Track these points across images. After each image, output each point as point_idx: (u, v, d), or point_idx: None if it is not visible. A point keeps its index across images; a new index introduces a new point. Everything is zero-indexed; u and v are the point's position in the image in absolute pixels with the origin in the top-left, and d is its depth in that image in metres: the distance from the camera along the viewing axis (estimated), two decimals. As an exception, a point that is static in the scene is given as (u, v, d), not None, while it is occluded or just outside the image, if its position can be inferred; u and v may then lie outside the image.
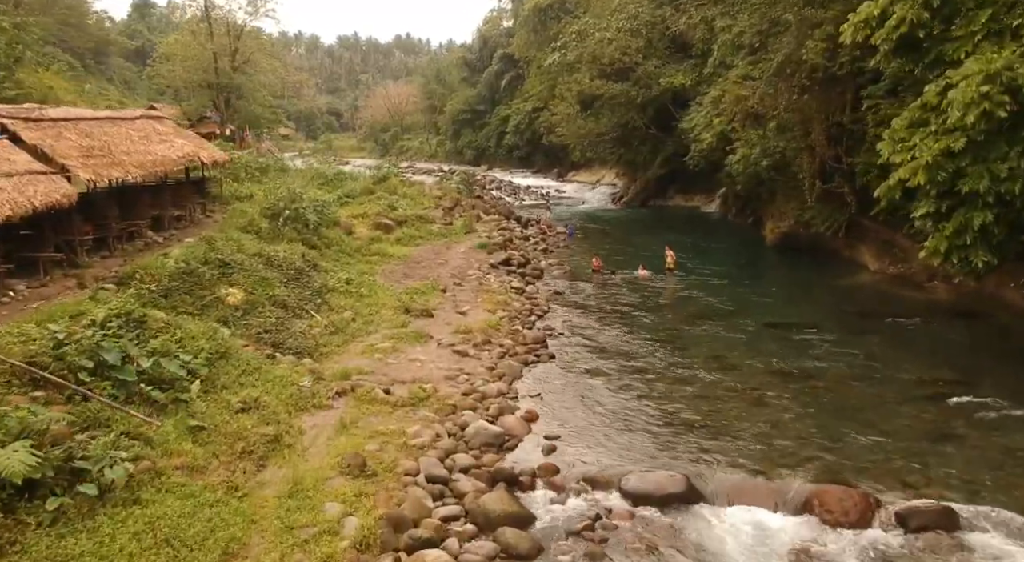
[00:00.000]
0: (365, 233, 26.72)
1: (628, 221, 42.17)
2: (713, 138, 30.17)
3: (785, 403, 13.02)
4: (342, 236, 24.74)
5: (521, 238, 31.69)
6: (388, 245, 26.24)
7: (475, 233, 30.59)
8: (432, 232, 29.13)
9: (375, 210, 29.34)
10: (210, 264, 15.84)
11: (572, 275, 25.58)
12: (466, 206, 38.42)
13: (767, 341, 16.87)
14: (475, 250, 27.10)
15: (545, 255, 29.53)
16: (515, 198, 54.81)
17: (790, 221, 27.64)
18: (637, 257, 28.78)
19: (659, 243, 32.49)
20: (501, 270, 24.71)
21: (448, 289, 21.15)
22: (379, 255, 24.58)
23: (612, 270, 25.14)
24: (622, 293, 22.61)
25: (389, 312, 18.15)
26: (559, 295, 22.34)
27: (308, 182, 38.88)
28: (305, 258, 18.99)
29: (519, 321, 18.69)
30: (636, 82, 38.83)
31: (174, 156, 18.32)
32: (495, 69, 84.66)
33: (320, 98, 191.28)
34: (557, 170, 74.67)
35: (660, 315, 19.85)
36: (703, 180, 46.10)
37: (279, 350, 14.24)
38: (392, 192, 34.98)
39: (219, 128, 55.64)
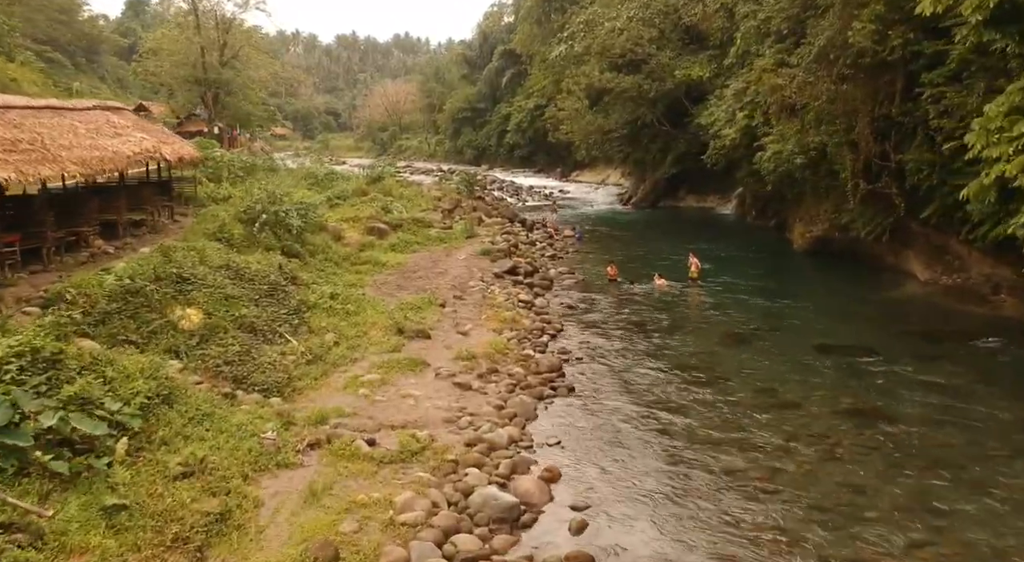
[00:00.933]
0: (356, 238, 24.20)
1: (639, 223, 39.67)
2: (737, 134, 27.67)
3: (863, 457, 10.49)
4: (329, 242, 22.22)
5: (527, 243, 29.19)
6: (381, 252, 23.72)
7: (477, 238, 28.07)
8: (430, 237, 26.60)
9: (368, 213, 26.83)
10: (163, 280, 13.31)
11: (585, 285, 23.07)
12: (467, 208, 35.89)
13: (822, 370, 14.34)
14: (477, 257, 24.59)
15: (553, 262, 27.03)
16: (517, 199, 52.37)
17: (824, 224, 25.13)
18: (654, 264, 26.28)
19: (675, 248, 30.06)
20: (507, 280, 22.22)
21: (448, 303, 18.63)
22: (371, 264, 22.05)
23: (630, 280, 22.63)
24: (643, 307, 20.09)
25: (379, 333, 15.62)
26: (572, 309, 19.84)
27: (297, 183, 36.47)
28: (282, 270, 16.47)
29: (529, 343, 16.17)
30: (649, 75, 36.29)
31: (128, 152, 15.83)
32: (496, 66, 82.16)
33: (318, 97, 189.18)
34: (560, 170, 72.18)
35: (691, 335, 17.31)
36: (717, 180, 43.67)
37: (242, 386, 11.72)
38: (387, 193, 32.46)
39: (207, 126, 53.23)
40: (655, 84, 36.10)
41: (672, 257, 27.69)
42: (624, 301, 20.83)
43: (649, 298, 21.13)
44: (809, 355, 15.36)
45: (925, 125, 18.86)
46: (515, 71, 78.86)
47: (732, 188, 42.92)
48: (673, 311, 19.65)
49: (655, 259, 27.42)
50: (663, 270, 24.60)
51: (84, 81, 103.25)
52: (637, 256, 28.16)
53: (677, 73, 35.18)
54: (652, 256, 28.21)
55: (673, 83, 35.67)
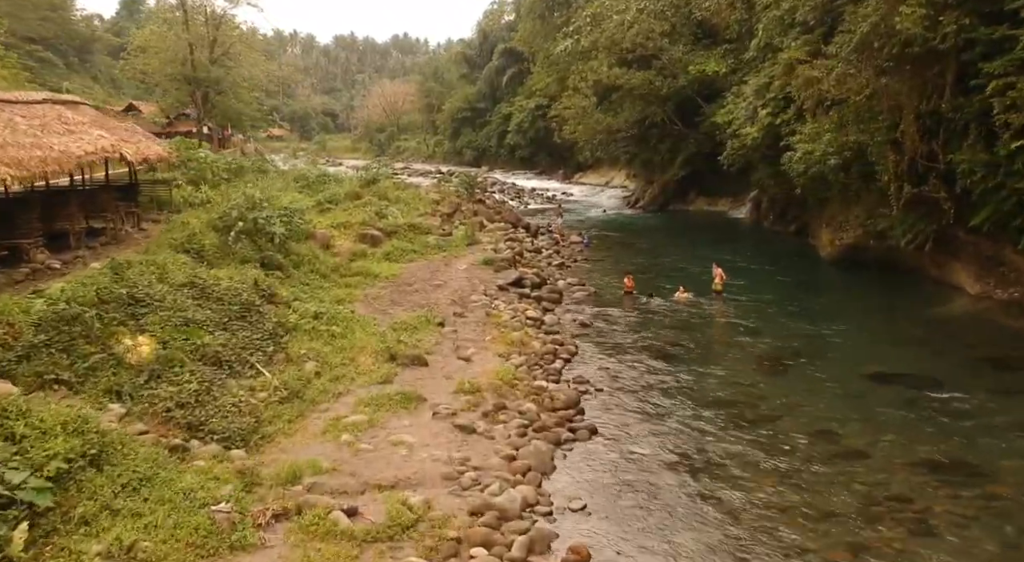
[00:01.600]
0: (347, 247, 22.14)
1: (648, 228, 37.63)
2: (759, 133, 25.64)
3: (965, 530, 8.43)
4: (316, 252, 20.17)
5: (532, 250, 27.13)
6: (374, 262, 21.66)
7: (478, 245, 26.03)
8: (428, 245, 24.54)
9: (360, 219, 24.77)
10: (111, 303, 11.26)
11: (598, 298, 21.03)
12: (467, 212, 33.83)
13: (884, 407, 12.28)
14: (479, 267, 22.54)
15: (561, 272, 24.98)
16: (519, 202, 50.40)
17: (856, 231, 23.09)
18: (671, 274, 24.28)
19: (691, 255, 28.06)
20: (512, 293, 20.19)
21: (447, 322, 16.58)
22: (362, 275, 19.99)
23: (648, 293, 20.57)
24: (665, 324, 18.05)
25: (369, 360, 13.56)
26: (586, 328, 17.79)
27: (287, 185, 34.42)
28: (258, 286, 14.40)
29: (541, 369, 14.14)
30: (660, 71, 34.26)
31: (79, 152, 13.74)
32: (496, 65, 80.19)
33: (315, 98, 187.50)
34: (562, 171, 70.20)
35: (724, 359, 15.26)
36: (729, 182, 41.67)
37: (198, 435, 9.66)
38: (382, 197, 30.38)
39: (196, 126, 51.14)
40: (667, 81, 34.07)
41: (689, 266, 25.69)
42: (643, 317, 18.78)
43: (670, 313, 19.09)
44: (863, 386, 13.32)
45: (981, 121, 16.85)
46: (516, 70, 76.90)
47: (746, 191, 40.90)
48: (699, 330, 17.60)
49: (671, 268, 25.42)
50: (681, 280, 22.61)
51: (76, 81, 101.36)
52: (651, 265, 26.13)
53: (691, 69, 33.16)
54: (667, 265, 26.20)
55: (686, 80, 33.65)
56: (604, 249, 30.37)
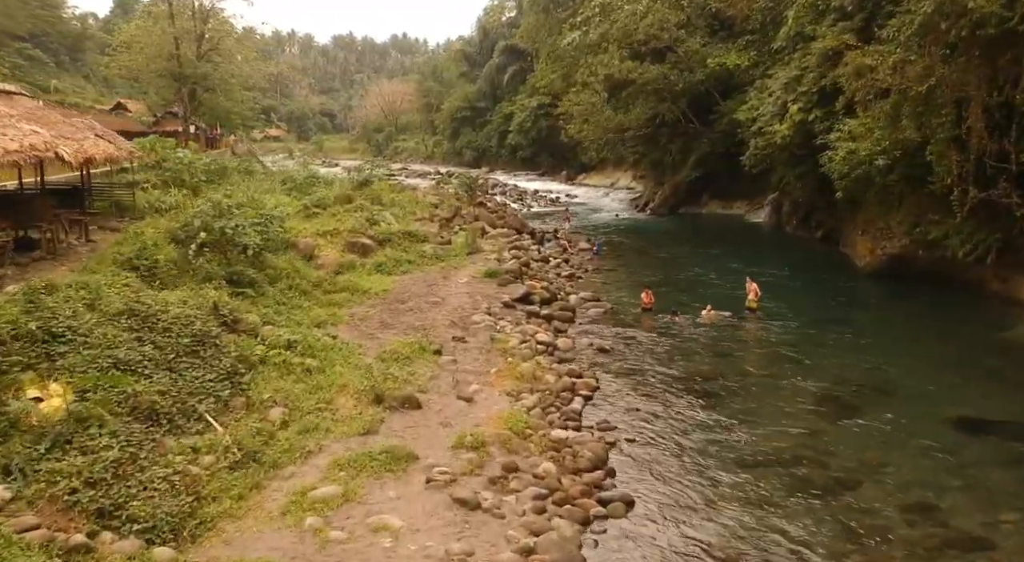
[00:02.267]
0: (333, 258, 19.72)
1: (660, 233, 35.23)
2: (789, 131, 23.24)
3: None
4: (297, 265, 17.76)
5: (539, 260, 24.73)
6: (363, 275, 19.29)
7: (480, 254, 23.64)
8: (424, 254, 22.15)
9: (349, 225, 22.35)
10: (18, 341, 8.87)
11: (615, 317, 18.65)
12: (467, 217, 31.43)
13: (986, 466, 9.93)
14: (481, 280, 20.17)
15: (572, 284, 22.59)
16: (522, 204, 48.03)
17: (901, 240, 20.71)
18: (692, 287, 21.93)
19: (710, 264, 25.69)
20: (519, 311, 17.83)
21: (445, 349, 14.20)
22: (349, 291, 17.60)
23: (673, 311, 18.15)
24: (696, 350, 15.67)
25: (349, 402, 11.19)
26: (606, 354, 15.41)
27: (274, 188, 32.04)
28: (218, 311, 12.01)
29: (557, 411, 11.79)
30: (676, 64, 31.86)
31: (0, 149, 11.44)
32: (497, 62, 77.85)
33: (313, 98, 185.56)
34: (566, 172, 67.85)
35: (773, 398, 12.87)
36: (745, 184, 39.32)
37: (112, 524, 7.27)
38: (376, 200, 27.99)
39: (182, 124, 48.73)
40: (684, 75, 31.66)
41: (711, 277, 23.34)
42: (669, 341, 16.38)
43: (699, 336, 16.70)
44: (951, 437, 10.94)
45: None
46: (517, 68, 74.61)
47: (763, 193, 38.54)
48: (736, 358, 15.20)
49: (691, 280, 23.05)
50: (705, 294, 20.30)
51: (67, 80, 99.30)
52: (669, 277, 23.71)
53: (709, 62, 30.77)
54: (686, 276, 23.81)
55: (703, 74, 31.28)
56: (616, 257, 27.99)
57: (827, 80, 21.56)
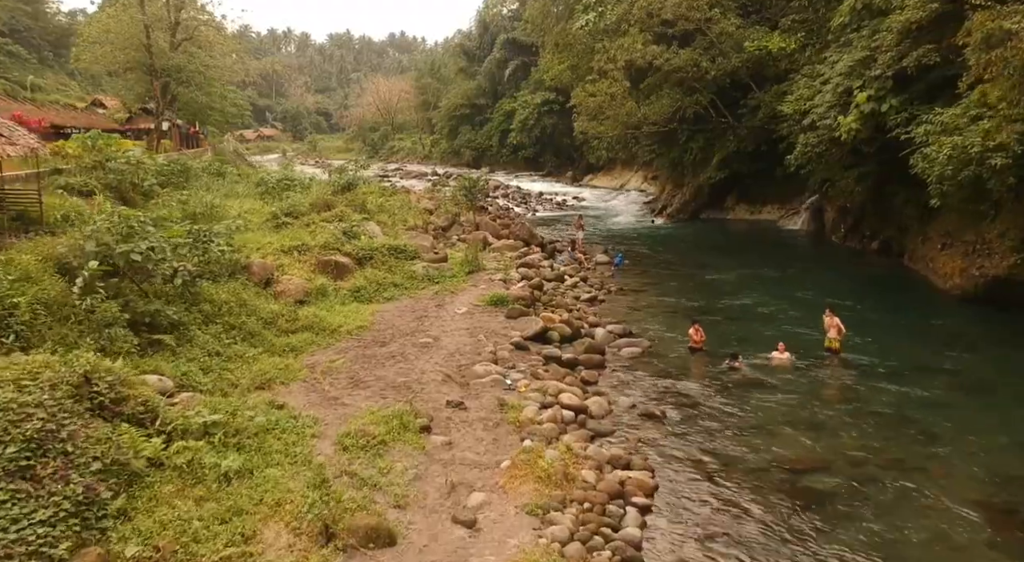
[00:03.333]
0: (297, 283, 15.61)
1: (685, 243, 31.15)
2: (857, 123, 19.13)
3: None
4: (245, 296, 13.67)
5: (552, 279, 20.63)
6: (335, 306, 15.23)
7: (482, 273, 19.61)
8: (414, 275, 18.07)
9: (323, 240, 18.26)
10: None
11: (655, 359, 14.56)
12: (467, 225, 27.40)
13: None
14: (485, 309, 16.13)
15: (595, 309, 18.51)
16: (526, 208, 43.98)
17: (1007, 257, 16.63)
18: (743, 315, 17.88)
19: (751, 280, 21.60)
20: (533, 354, 13.79)
21: (437, 421, 10.16)
22: (313, 330, 13.52)
23: (732, 354, 14.02)
24: (777, 416, 11.58)
25: (282, 536, 7.12)
26: (655, 421, 11.33)
27: (247, 192, 27.99)
28: (90, 387, 7.88)
29: (606, 544, 7.70)
30: (708, 49, 27.75)
31: None
32: (498, 57, 73.74)
33: (309, 97, 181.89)
34: (571, 173, 63.82)
35: (915, 506, 8.78)
36: (776, 185, 35.33)
37: None
38: (360, 208, 23.97)
39: (151, 122, 44.61)
40: (718, 60, 27.55)
41: (759, 299, 19.28)
42: (736, 400, 12.29)
43: (775, 391, 12.63)
44: None
45: None
46: (519, 62, 70.57)
47: (797, 196, 34.56)
48: (836, 429, 11.09)
49: (740, 305, 18.96)
50: (757, 323, 16.37)
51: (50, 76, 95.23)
52: (710, 300, 19.60)
53: (747, 46, 26.64)
54: (729, 298, 19.70)
55: (739, 60, 27.17)
56: (639, 272, 23.89)
57: (909, 60, 17.47)
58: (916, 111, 17.92)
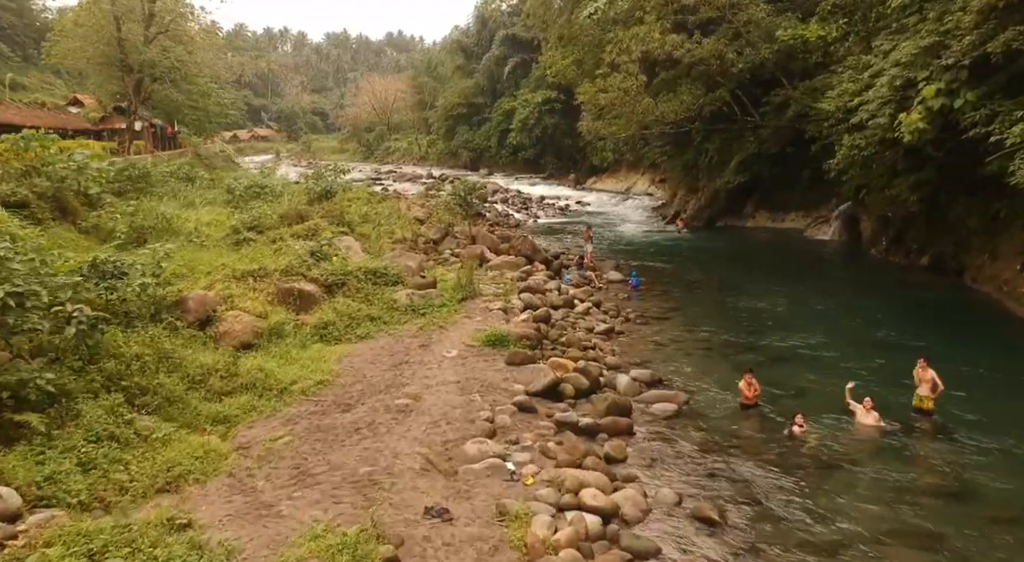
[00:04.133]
0: (245, 322, 12.51)
1: (705, 255, 28.08)
2: (926, 122, 16.05)
3: None
4: (168, 344, 10.57)
5: (561, 305, 17.51)
6: (289, 352, 12.10)
7: (478, 298, 16.53)
8: (395, 306, 14.95)
9: (285, 261, 15.15)
10: None
11: (697, 417, 11.49)
12: (462, 237, 24.33)
13: None
14: (480, 351, 13.06)
15: (613, 344, 15.42)
16: (527, 214, 40.95)
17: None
18: (790, 355, 14.77)
19: (793, 307, 18.55)
20: (542, 418, 10.70)
21: (407, 548, 7.06)
22: (255, 391, 10.43)
23: (798, 419, 10.89)
24: (871, 513, 8.51)
25: None
26: (712, 529, 8.25)
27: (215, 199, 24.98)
28: None
29: None
30: (734, 39, 24.67)
31: None
32: (497, 54, 70.63)
33: (304, 97, 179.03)
34: (574, 176, 60.71)
35: None
36: (800, 191, 32.34)
37: None
38: (338, 219, 20.92)
39: (126, 121, 41.53)
40: (745, 51, 24.47)
41: (808, 331, 16.18)
42: (812, 487, 9.21)
43: (861, 471, 9.57)
44: None
45: None
46: (519, 60, 67.45)
47: (823, 202, 31.53)
48: (965, 546, 8.03)
49: (787, 340, 15.82)
50: (807, 365, 13.41)
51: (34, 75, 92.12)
52: (750, 332, 16.51)
53: (779, 35, 23.54)
54: (774, 332, 16.57)
55: (769, 51, 24.09)
56: (660, 294, 20.81)
57: (995, 45, 14.42)
58: (998, 107, 14.88)
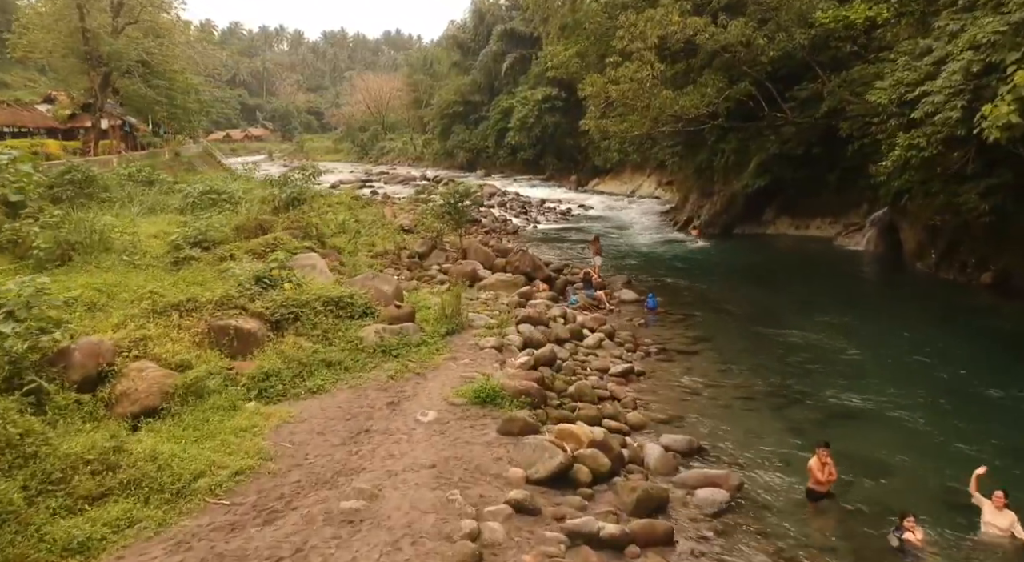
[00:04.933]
0: (151, 379, 9.41)
1: (726, 268, 25.08)
2: (1019, 115, 12.98)
3: None
4: (22, 423, 7.50)
5: (569, 336, 14.45)
6: (206, 422, 8.99)
7: (468, 331, 13.49)
8: (360, 346, 11.86)
9: (222, 290, 12.07)
10: None
11: (753, 516, 8.45)
12: (452, 251, 21.30)
13: None
14: (465, 412, 9.98)
15: (631, 388, 12.39)
16: (526, 219, 37.98)
17: None
18: (864, 416, 11.71)
19: (847, 339, 15.46)
20: (547, 521, 7.65)
21: None
22: (140, 492, 7.34)
23: (904, 523, 7.86)
24: None
25: None
26: None
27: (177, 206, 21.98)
28: None
29: None
30: (764, 22, 21.62)
31: None
32: (494, 49, 67.60)
33: (300, 96, 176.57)
34: (575, 177, 57.73)
35: None
36: (827, 196, 29.35)
37: None
38: (308, 232, 17.87)
39: (92, 119, 38.46)
40: (778, 37, 21.41)
41: (877, 379, 13.16)
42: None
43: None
44: None
45: None
46: (518, 55, 64.49)
47: (854, 207, 28.56)
48: None
49: (855, 391, 12.73)
50: (888, 431, 10.46)
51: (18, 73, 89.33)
52: (806, 383, 13.45)
53: (818, 16, 20.47)
54: (835, 377, 13.50)
55: (805, 37, 21.03)
56: (680, 317, 17.77)
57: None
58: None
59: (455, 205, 21.08)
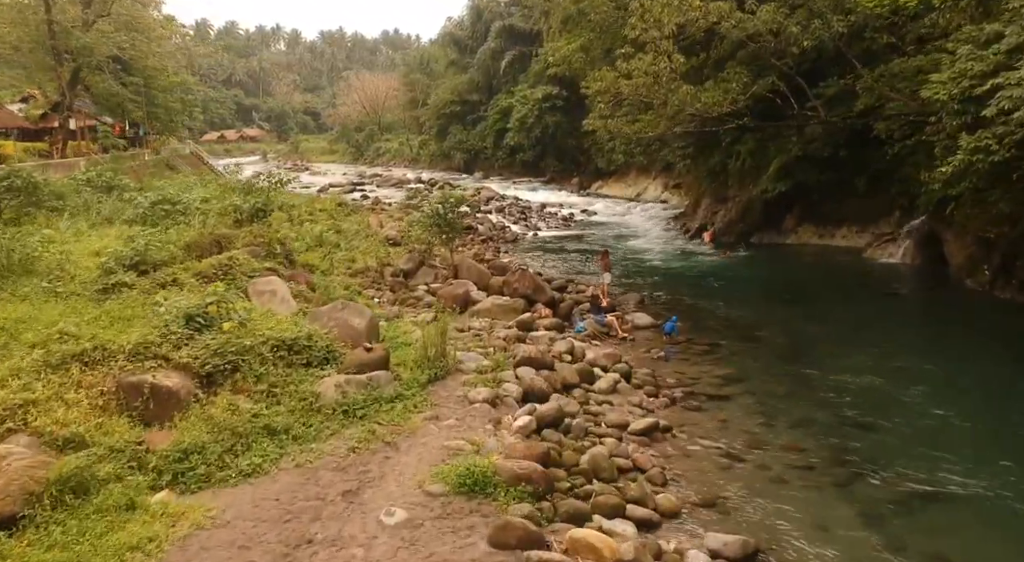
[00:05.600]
0: (14, 470, 6.93)
1: (751, 285, 22.61)
2: None
3: None
4: None
5: (579, 380, 11.93)
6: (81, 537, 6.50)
7: (455, 375, 11.00)
8: (315, 405, 9.35)
9: (139, 335, 9.58)
10: None
11: None
12: (442, 268, 18.79)
13: None
14: (445, 507, 7.45)
15: (658, 453, 9.90)
16: (526, 226, 35.55)
17: None
18: (956, 499, 9.16)
19: (915, 383, 12.85)
20: None
21: None
22: None
23: None
24: None
25: None
26: None
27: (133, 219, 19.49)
28: None
29: None
30: (795, 8, 19.18)
31: None
32: (493, 47, 65.16)
33: (296, 96, 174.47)
34: (577, 179, 55.33)
35: None
36: (853, 203, 26.93)
37: None
38: (273, 249, 15.37)
39: (60, 120, 35.96)
40: (813, 24, 18.94)
41: (972, 449, 10.64)
42: None
43: None
44: None
45: None
46: (517, 53, 62.05)
47: (884, 215, 26.08)
48: None
49: (947, 463, 10.20)
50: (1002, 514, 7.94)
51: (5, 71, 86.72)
52: (879, 455, 10.96)
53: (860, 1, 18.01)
54: (915, 443, 11.00)
55: (843, 24, 18.57)
56: (705, 349, 15.24)
57: None
58: None
59: (445, 215, 18.57)
